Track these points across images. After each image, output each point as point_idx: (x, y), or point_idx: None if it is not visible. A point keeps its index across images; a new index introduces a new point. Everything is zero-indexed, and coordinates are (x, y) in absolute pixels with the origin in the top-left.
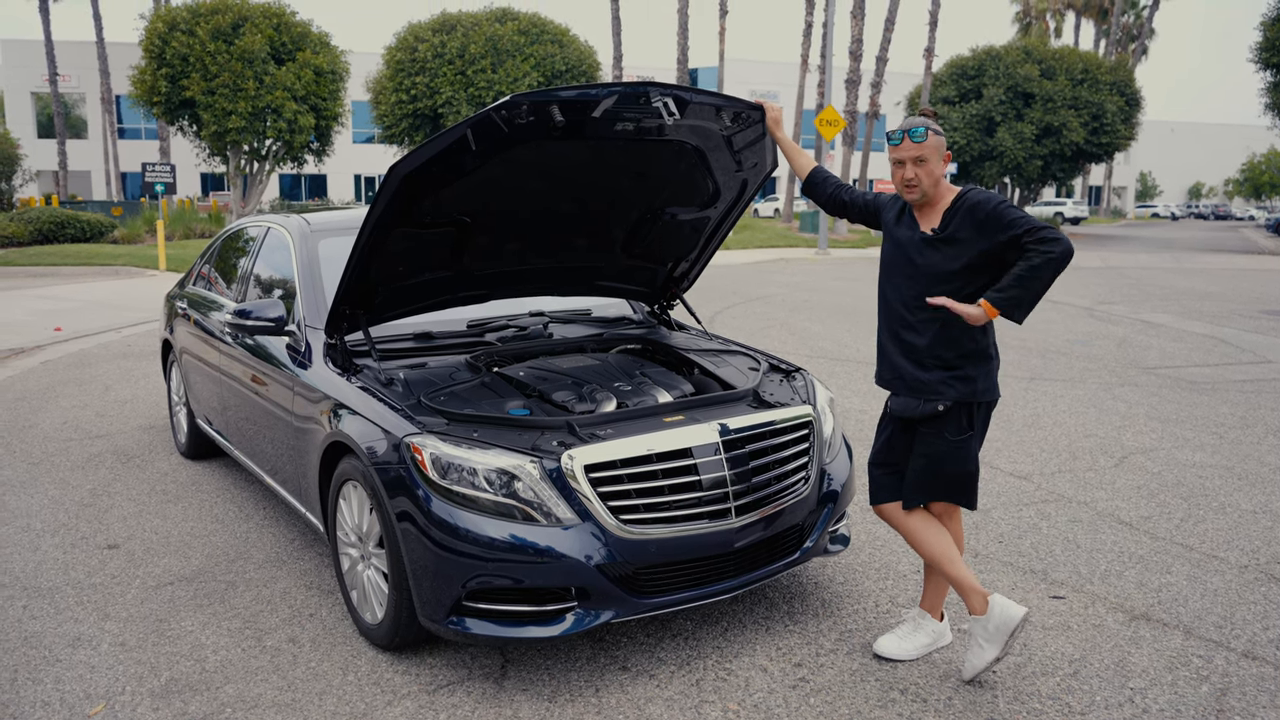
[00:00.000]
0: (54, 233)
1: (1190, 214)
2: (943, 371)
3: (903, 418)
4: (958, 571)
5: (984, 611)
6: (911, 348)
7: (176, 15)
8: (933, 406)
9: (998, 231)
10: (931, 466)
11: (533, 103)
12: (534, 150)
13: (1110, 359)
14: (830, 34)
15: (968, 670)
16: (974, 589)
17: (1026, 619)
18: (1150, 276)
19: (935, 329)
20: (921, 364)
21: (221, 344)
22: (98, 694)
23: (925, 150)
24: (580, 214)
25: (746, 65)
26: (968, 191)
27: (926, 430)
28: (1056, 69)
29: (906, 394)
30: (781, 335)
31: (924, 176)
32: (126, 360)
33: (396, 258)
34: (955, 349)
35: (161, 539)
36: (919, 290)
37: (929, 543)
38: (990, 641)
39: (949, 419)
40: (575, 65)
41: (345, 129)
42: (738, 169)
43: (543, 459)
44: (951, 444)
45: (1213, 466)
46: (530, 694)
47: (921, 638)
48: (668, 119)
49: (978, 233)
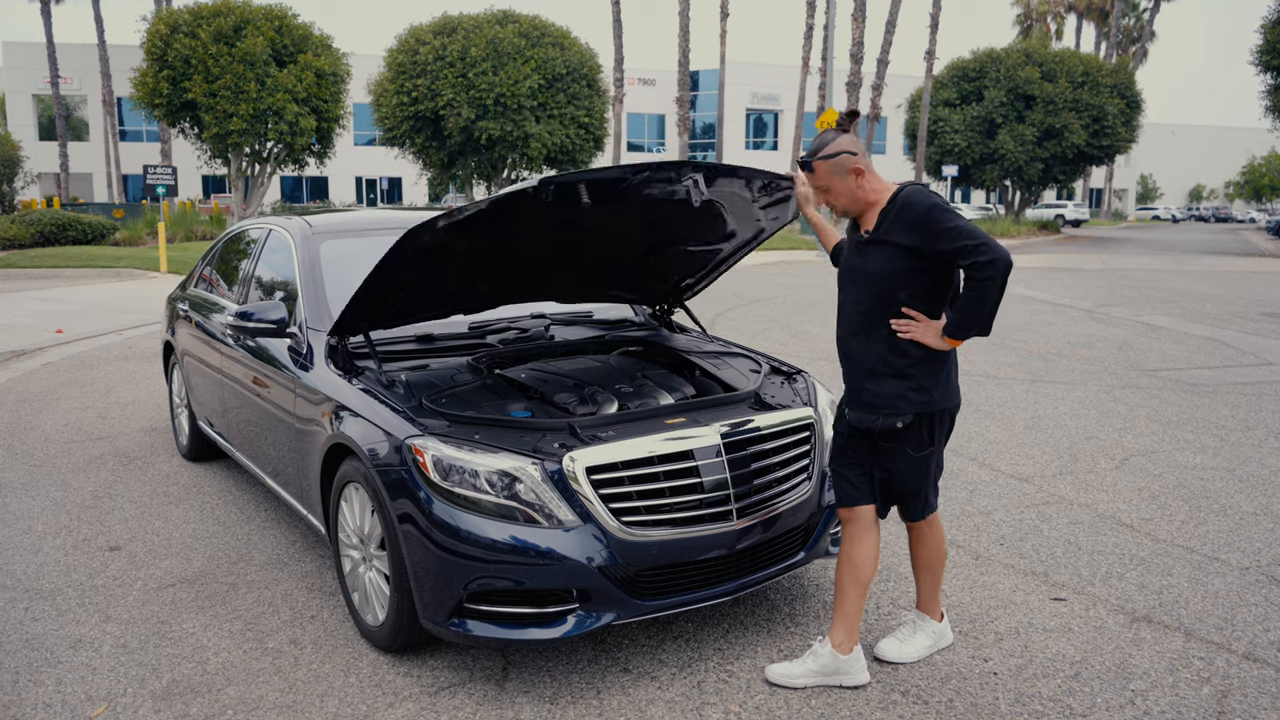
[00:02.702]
0: (55, 235)
1: (1191, 216)
2: (896, 381)
3: (859, 429)
4: (856, 604)
5: (845, 652)
6: (862, 355)
7: (178, 17)
8: (891, 422)
9: (932, 239)
10: (890, 481)
11: (561, 184)
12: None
13: (1111, 361)
14: (831, 36)
15: (776, 671)
16: (852, 628)
17: (859, 688)
18: (1151, 279)
19: (884, 334)
20: (873, 372)
21: (223, 346)
22: (99, 696)
23: (820, 180)
24: (593, 247)
25: (748, 68)
26: (900, 191)
27: (887, 445)
28: (1057, 71)
29: (861, 408)
30: (782, 337)
31: (836, 200)
32: (128, 362)
33: (410, 282)
34: (905, 356)
35: (163, 541)
36: (865, 294)
37: (864, 562)
38: (817, 669)
39: (909, 434)
40: (576, 68)
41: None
42: (758, 220)
43: (544, 461)
44: (913, 460)
45: (1214, 469)
46: (532, 696)
47: (922, 639)
48: (695, 200)
49: (910, 233)
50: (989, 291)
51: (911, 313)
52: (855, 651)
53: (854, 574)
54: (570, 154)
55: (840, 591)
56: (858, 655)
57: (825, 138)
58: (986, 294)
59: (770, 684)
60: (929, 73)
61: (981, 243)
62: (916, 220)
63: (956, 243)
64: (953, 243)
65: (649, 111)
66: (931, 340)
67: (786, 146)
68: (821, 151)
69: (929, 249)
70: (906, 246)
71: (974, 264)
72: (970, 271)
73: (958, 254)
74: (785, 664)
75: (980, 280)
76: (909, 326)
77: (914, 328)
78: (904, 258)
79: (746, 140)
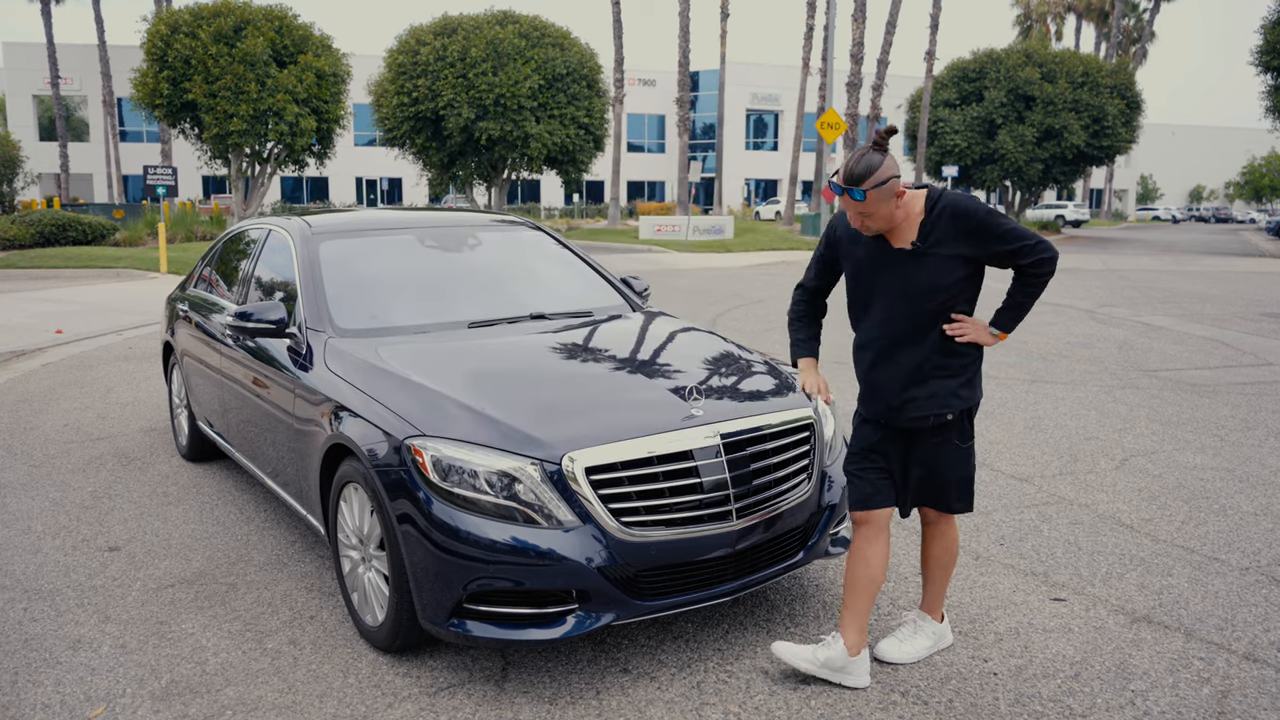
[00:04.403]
0: (55, 235)
1: (1191, 217)
2: (946, 380)
3: (901, 430)
4: (867, 605)
5: (855, 654)
6: (905, 361)
7: (178, 18)
8: (942, 416)
9: (992, 243)
10: (934, 475)
11: None
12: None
13: (1111, 361)
14: (831, 37)
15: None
16: (863, 628)
17: (857, 689)
18: (1151, 279)
19: (935, 339)
20: (920, 374)
21: (223, 346)
22: (98, 696)
23: (868, 207)
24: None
25: (748, 68)
26: (939, 198)
27: (933, 439)
28: (1057, 72)
29: (910, 409)
30: (782, 337)
31: (875, 222)
32: (128, 363)
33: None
34: (961, 356)
35: (162, 541)
36: (915, 305)
37: (878, 562)
38: (824, 660)
39: (954, 427)
40: (576, 68)
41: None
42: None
43: (543, 462)
44: (960, 451)
45: (1214, 469)
46: (531, 696)
47: (922, 640)
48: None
49: (969, 242)
50: (1044, 285)
51: (960, 316)
52: (863, 654)
53: (869, 574)
54: (570, 154)
55: (853, 591)
56: (864, 658)
57: (871, 160)
58: (1041, 287)
59: (773, 657)
60: (929, 73)
61: (1039, 240)
62: (976, 228)
63: (1016, 244)
64: (1013, 244)
65: (649, 112)
66: (984, 339)
67: (786, 147)
68: (873, 179)
69: (986, 253)
70: (964, 256)
71: (1037, 261)
72: (1032, 269)
73: (1018, 254)
74: (795, 645)
75: (1040, 276)
76: (963, 330)
77: (967, 330)
78: (962, 266)
79: (746, 141)
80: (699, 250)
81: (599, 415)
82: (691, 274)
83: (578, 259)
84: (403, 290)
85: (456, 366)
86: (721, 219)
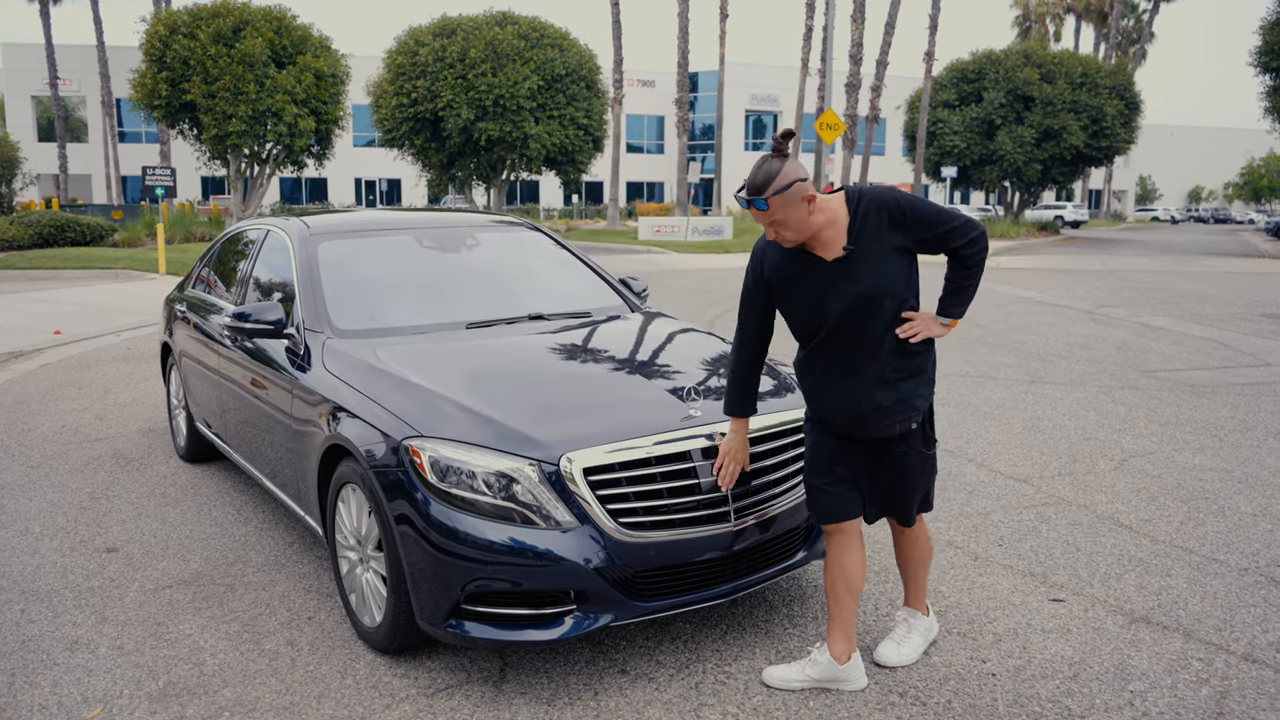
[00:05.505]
0: (54, 236)
1: (1190, 217)
2: (907, 383)
3: (867, 440)
4: (851, 611)
5: (844, 662)
6: (868, 368)
7: (177, 18)
8: (907, 424)
9: (922, 228)
10: (900, 484)
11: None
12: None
13: (1110, 362)
14: (830, 38)
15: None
16: (849, 635)
17: (855, 691)
18: (1150, 280)
19: (892, 341)
20: (883, 380)
21: (221, 347)
22: (95, 697)
23: (774, 215)
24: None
25: (747, 69)
26: (859, 196)
27: (900, 449)
28: (1056, 73)
29: (876, 417)
30: (780, 338)
31: (790, 231)
32: (126, 364)
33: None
34: (915, 355)
35: (160, 542)
36: (867, 310)
37: (855, 569)
38: (815, 677)
39: (918, 432)
40: (575, 69)
41: (346, 132)
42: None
43: (541, 462)
44: (925, 457)
45: (1213, 469)
46: (529, 697)
47: (916, 638)
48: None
49: (898, 232)
50: (981, 265)
51: (910, 315)
52: (854, 658)
53: (846, 581)
54: (569, 155)
55: (834, 600)
56: (856, 662)
57: (771, 167)
58: (979, 267)
59: (767, 687)
60: (928, 74)
61: (966, 220)
62: (902, 217)
63: (945, 226)
64: (942, 227)
65: (648, 113)
66: (937, 331)
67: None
68: (774, 185)
69: (916, 239)
70: (900, 247)
71: (969, 241)
72: (964, 249)
73: (948, 237)
74: (783, 667)
75: (974, 255)
76: (915, 329)
77: (919, 328)
78: (900, 258)
79: (745, 141)
80: (698, 251)
81: (597, 416)
82: (690, 275)
83: (576, 260)
84: (401, 291)
85: (455, 367)
86: (721, 220)
